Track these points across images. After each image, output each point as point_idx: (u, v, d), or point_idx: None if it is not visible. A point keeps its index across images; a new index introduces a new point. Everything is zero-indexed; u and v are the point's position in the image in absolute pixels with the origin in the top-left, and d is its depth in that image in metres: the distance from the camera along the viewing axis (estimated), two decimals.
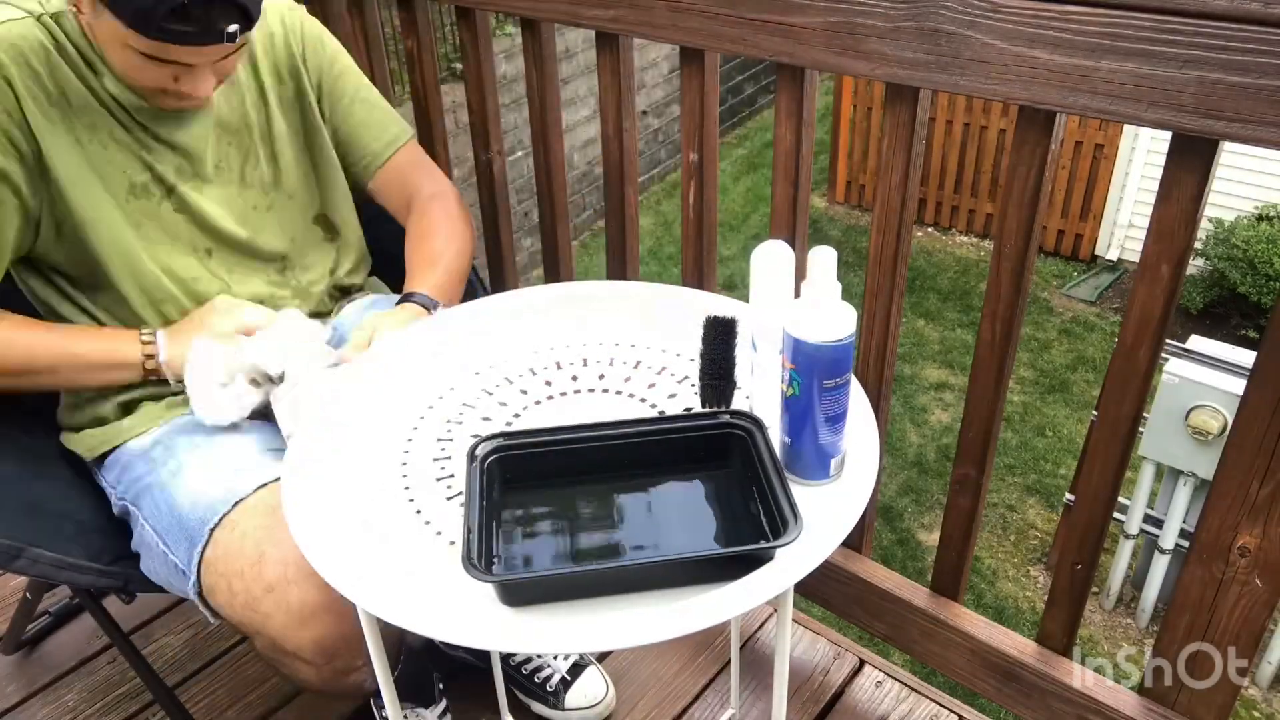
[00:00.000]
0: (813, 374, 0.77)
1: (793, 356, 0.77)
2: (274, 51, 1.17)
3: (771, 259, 0.81)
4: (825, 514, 0.77)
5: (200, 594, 0.97)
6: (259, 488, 0.97)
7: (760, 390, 0.86)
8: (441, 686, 1.31)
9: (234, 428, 1.07)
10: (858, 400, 0.89)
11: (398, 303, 1.16)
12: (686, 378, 0.97)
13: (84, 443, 1.11)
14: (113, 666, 1.52)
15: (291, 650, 0.92)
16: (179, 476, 1.02)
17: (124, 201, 1.07)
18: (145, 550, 1.04)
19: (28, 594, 1.47)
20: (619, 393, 0.96)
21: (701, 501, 0.80)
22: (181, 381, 1.05)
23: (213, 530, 0.95)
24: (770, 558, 0.71)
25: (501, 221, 1.59)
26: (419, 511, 0.81)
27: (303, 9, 1.21)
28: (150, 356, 1.06)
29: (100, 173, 1.04)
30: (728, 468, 0.82)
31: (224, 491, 0.97)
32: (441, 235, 1.24)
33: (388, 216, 1.30)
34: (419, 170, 1.30)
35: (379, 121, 1.26)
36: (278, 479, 0.96)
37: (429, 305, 1.15)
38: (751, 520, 0.77)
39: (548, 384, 0.98)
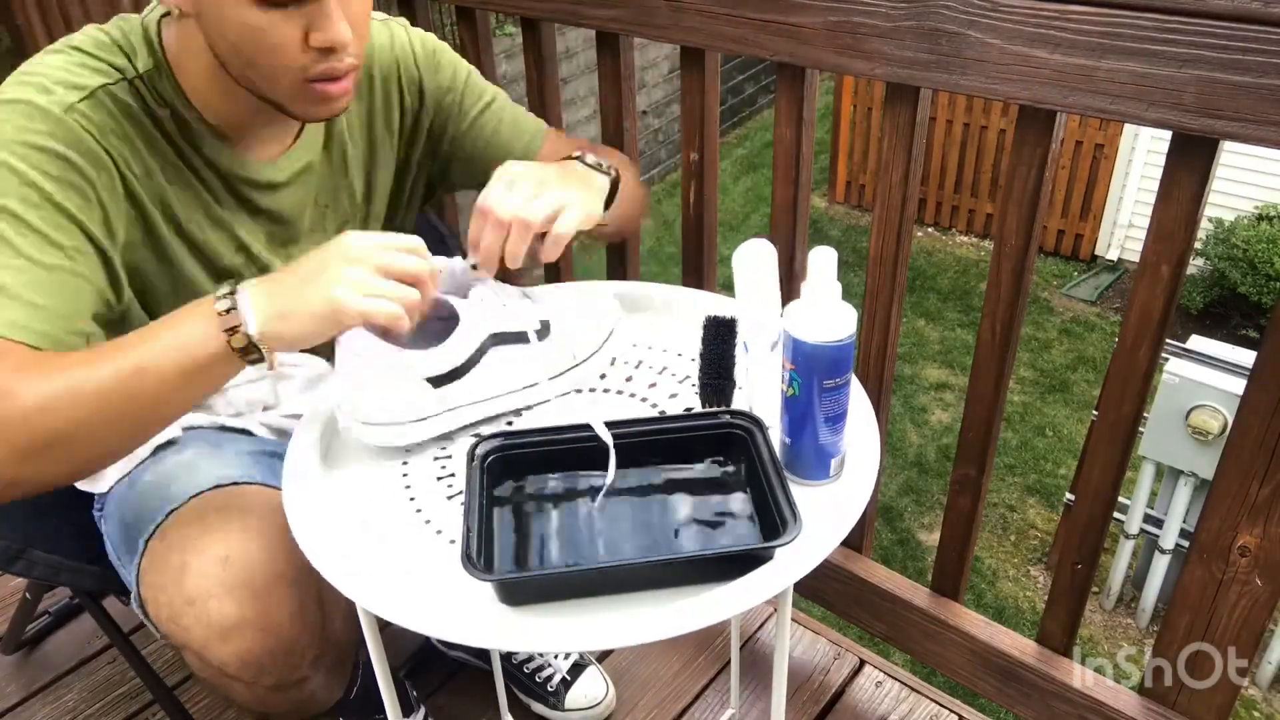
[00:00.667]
0: (812, 374, 0.77)
1: (792, 357, 0.77)
2: (389, 94, 1.09)
3: (754, 258, 0.81)
4: (825, 513, 0.77)
5: (141, 605, 0.92)
6: (193, 496, 0.92)
7: (755, 390, 0.86)
8: (416, 695, 1.31)
9: (197, 433, 1.00)
10: (858, 400, 0.89)
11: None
12: (688, 377, 0.97)
13: None
14: (113, 666, 1.52)
15: (216, 665, 0.87)
16: (133, 487, 0.98)
17: (215, 284, 0.96)
18: (111, 560, 1.01)
19: (28, 594, 1.47)
20: (620, 392, 0.96)
21: (701, 501, 0.80)
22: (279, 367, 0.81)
23: (147, 541, 0.91)
24: (769, 557, 0.71)
25: None
26: (419, 510, 0.82)
27: (406, 23, 1.12)
28: (232, 329, 0.77)
29: (196, 253, 0.97)
30: (728, 467, 0.82)
31: (160, 501, 0.93)
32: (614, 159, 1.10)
33: None
34: (569, 143, 1.17)
35: (513, 118, 1.16)
36: (216, 486, 0.93)
37: (598, 165, 1.01)
38: (751, 520, 0.77)
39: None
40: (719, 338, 0.87)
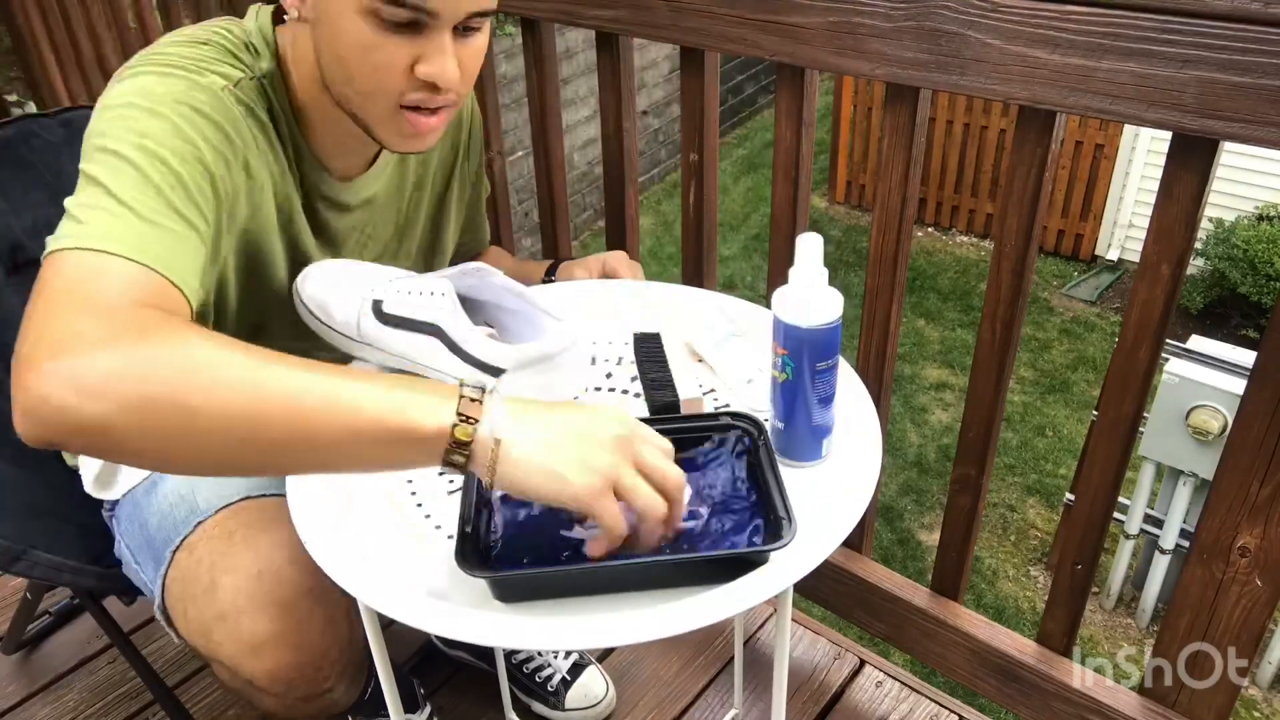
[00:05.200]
0: (804, 357, 0.79)
1: (784, 341, 0.80)
2: (445, 146, 1.14)
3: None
4: (825, 514, 0.77)
5: (165, 615, 0.93)
6: (221, 508, 0.91)
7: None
8: (423, 692, 1.31)
9: None
10: (858, 400, 0.89)
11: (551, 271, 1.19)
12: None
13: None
14: (113, 666, 1.52)
15: (246, 679, 0.88)
16: (152, 493, 0.98)
17: (284, 283, 1.00)
18: (124, 562, 1.02)
19: (28, 594, 1.47)
20: (625, 391, 0.96)
21: (701, 502, 0.80)
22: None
23: (174, 552, 0.91)
24: (764, 561, 0.71)
25: (501, 222, 1.59)
26: (420, 505, 0.82)
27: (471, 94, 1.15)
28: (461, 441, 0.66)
29: (261, 250, 0.97)
30: (727, 469, 0.82)
31: (187, 512, 0.93)
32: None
33: None
34: (500, 256, 1.32)
35: (481, 215, 1.27)
36: (244, 498, 0.92)
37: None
38: (748, 522, 0.77)
39: None
40: (649, 352, 0.93)
